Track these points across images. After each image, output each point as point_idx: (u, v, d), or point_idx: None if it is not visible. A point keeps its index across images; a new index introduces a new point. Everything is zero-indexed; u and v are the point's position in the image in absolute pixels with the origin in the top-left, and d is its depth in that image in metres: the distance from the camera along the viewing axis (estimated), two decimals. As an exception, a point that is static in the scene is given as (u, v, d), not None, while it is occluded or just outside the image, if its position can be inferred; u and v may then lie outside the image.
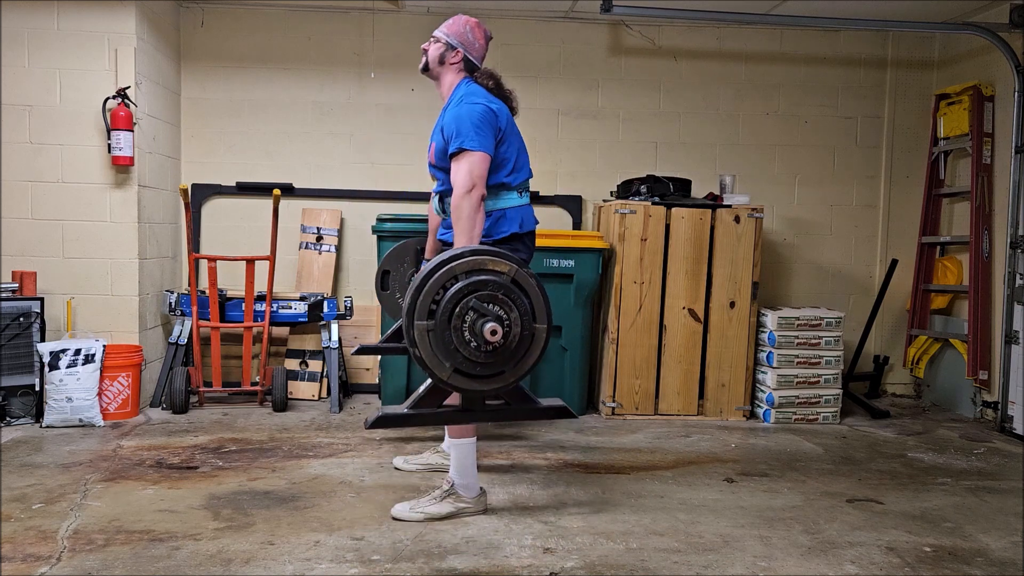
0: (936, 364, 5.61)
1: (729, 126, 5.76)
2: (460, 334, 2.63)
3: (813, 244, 5.86)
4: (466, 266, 2.67)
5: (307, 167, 5.55)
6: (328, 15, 5.49)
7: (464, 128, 3.12)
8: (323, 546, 2.88)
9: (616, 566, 2.77)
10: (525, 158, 3.37)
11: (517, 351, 2.69)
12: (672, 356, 4.95)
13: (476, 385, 2.71)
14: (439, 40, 3.38)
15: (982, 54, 5.30)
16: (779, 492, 3.62)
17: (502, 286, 2.67)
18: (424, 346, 2.65)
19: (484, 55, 3.43)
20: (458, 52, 3.35)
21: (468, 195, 3.04)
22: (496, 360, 2.68)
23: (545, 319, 2.73)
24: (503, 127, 3.23)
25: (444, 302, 2.64)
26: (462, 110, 3.18)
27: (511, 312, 2.66)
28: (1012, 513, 3.42)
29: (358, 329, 5.53)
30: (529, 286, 2.71)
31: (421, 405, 2.76)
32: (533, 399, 2.84)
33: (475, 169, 3.08)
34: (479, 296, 2.64)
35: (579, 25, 5.61)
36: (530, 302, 2.72)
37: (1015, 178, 4.90)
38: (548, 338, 2.75)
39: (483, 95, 3.26)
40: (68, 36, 4.66)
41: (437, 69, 3.40)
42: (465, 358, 2.65)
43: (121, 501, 3.28)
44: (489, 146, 3.14)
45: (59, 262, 4.72)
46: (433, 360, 2.66)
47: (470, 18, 3.41)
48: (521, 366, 2.73)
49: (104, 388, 4.52)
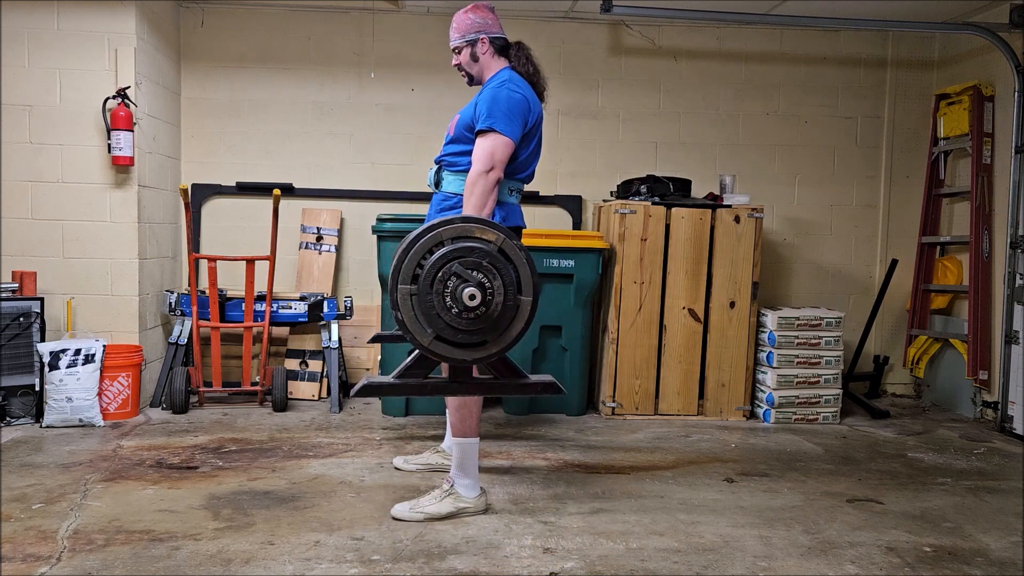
0: (936, 364, 5.61)
1: (729, 126, 5.76)
2: (442, 299, 2.60)
3: (813, 244, 5.86)
4: (453, 231, 2.64)
5: (307, 167, 5.55)
6: (328, 15, 5.49)
7: (499, 110, 3.12)
8: (323, 546, 2.88)
9: (616, 566, 2.77)
10: (533, 162, 3.37)
11: (500, 321, 2.65)
12: (672, 356, 4.95)
13: (458, 353, 2.68)
14: (459, 47, 3.38)
15: (982, 54, 5.30)
16: (779, 492, 3.62)
17: (488, 254, 2.63)
18: (407, 310, 2.63)
19: (500, 24, 3.41)
20: (483, 39, 3.35)
21: (485, 175, 3.05)
22: (478, 328, 2.64)
23: (531, 292, 2.68)
24: (530, 125, 3.23)
25: (428, 266, 2.62)
26: (502, 92, 3.17)
27: (495, 280, 2.62)
28: (1012, 513, 3.42)
29: (358, 329, 5.53)
30: (516, 257, 2.66)
31: (408, 375, 2.74)
32: (522, 373, 2.80)
33: (498, 152, 3.09)
34: (463, 262, 2.61)
35: (579, 25, 5.61)
36: (516, 273, 2.68)
37: (1015, 178, 4.90)
38: (533, 311, 2.70)
39: (527, 88, 3.26)
40: (68, 36, 4.66)
41: (477, 68, 3.39)
42: (447, 324, 2.61)
43: (121, 501, 3.28)
44: (516, 135, 3.14)
45: (59, 262, 4.72)
46: (415, 325, 2.64)
47: (464, 8, 3.41)
48: (504, 337, 2.68)
49: (104, 388, 4.52)
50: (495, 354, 2.70)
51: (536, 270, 2.73)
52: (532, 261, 2.71)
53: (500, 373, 2.79)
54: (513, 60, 3.36)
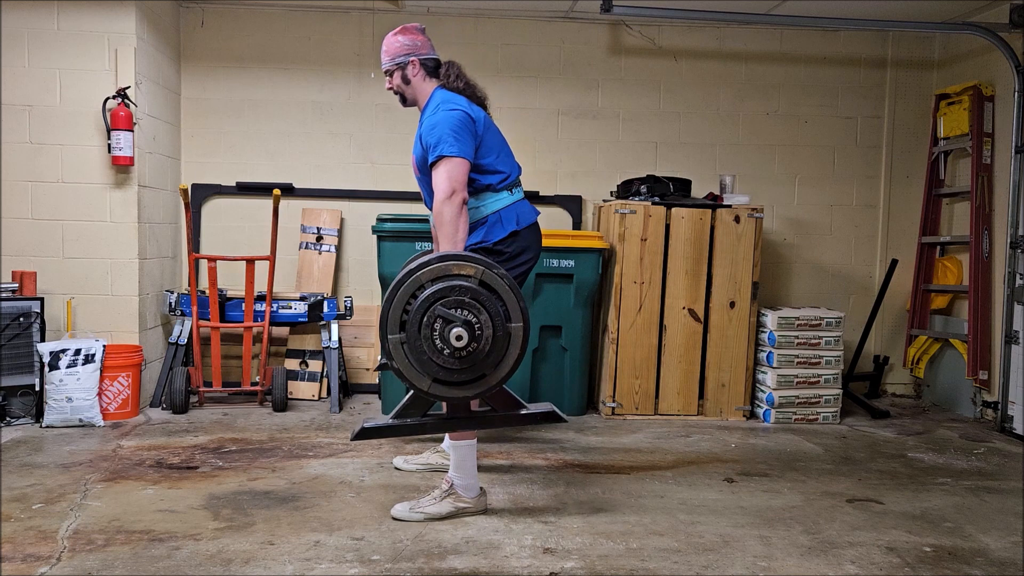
0: (936, 364, 5.61)
1: (729, 126, 5.76)
2: (431, 343, 2.58)
3: (813, 244, 5.86)
4: (431, 274, 2.63)
5: (307, 167, 5.55)
6: (328, 15, 5.49)
7: (442, 135, 3.11)
8: (323, 546, 2.88)
9: (616, 566, 2.77)
10: (508, 156, 3.36)
11: (494, 353, 2.64)
12: (672, 356, 4.95)
13: (458, 392, 2.67)
14: (390, 70, 3.39)
15: (982, 54, 5.30)
16: (779, 492, 3.62)
17: (469, 290, 2.62)
18: (400, 359, 2.62)
19: (432, 45, 3.42)
20: (413, 62, 3.36)
21: (449, 200, 3.02)
22: (473, 365, 2.63)
23: (520, 317, 2.66)
24: (480, 132, 3.22)
25: (413, 312, 2.61)
26: (438, 117, 3.18)
27: (481, 315, 2.60)
28: (1012, 513, 3.42)
29: (358, 329, 5.53)
30: (499, 286, 2.65)
31: (405, 415, 2.73)
32: (520, 403, 2.79)
33: (455, 174, 3.06)
34: (444, 303, 2.60)
35: (579, 25, 5.61)
36: (502, 302, 2.67)
37: (1015, 178, 4.90)
38: (527, 335, 2.68)
39: (460, 101, 3.26)
40: (68, 36, 4.66)
41: (410, 91, 3.40)
42: (440, 367, 2.60)
43: (121, 501, 3.28)
44: (468, 151, 3.12)
45: (59, 262, 4.72)
46: (411, 372, 2.64)
47: (394, 30, 3.41)
48: (501, 367, 2.68)
49: (104, 388, 4.52)
50: (495, 385, 2.69)
51: (522, 295, 2.71)
52: (516, 286, 2.69)
53: (499, 404, 2.76)
54: (442, 79, 3.37)
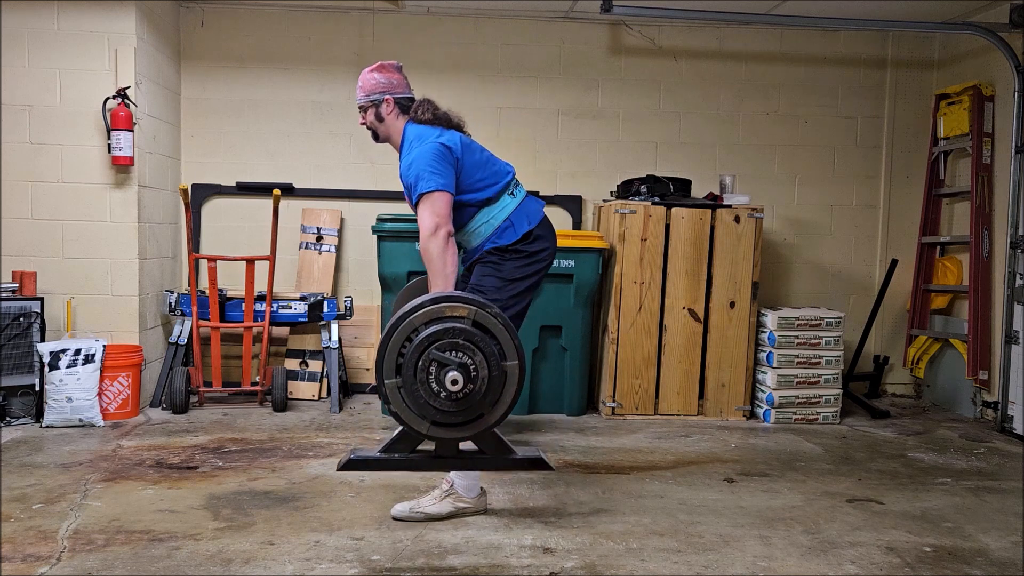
0: (936, 364, 5.61)
1: (729, 126, 5.76)
2: (428, 387, 2.60)
3: (813, 244, 5.86)
4: (424, 316, 2.65)
5: (307, 167, 5.55)
6: (328, 15, 5.49)
7: (420, 172, 3.14)
8: (323, 546, 2.88)
9: (616, 566, 2.77)
10: (494, 164, 3.38)
11: (491, 392, 2.66)
12: (672, 356, 4.95)
13: (456, 433, 2.69)
14: (365, 106, 3.40)
15: (982, 54, 5.30)
16: (779, 492, 3.61)
17: (463, 331, 2.63)
18: (397, 402, 2.64)
19: (408, 84, 3.45)
20: (387, 100, 3.37)
21: (433, 236, 3.06)
22: (470, 406, 2.65)
23: (515, 355, 2.68)
24: (459, 155, 3.24)
25: (408, 355, 2.63)
26: (413, 155, 3.20)
27: (476, 356, 2.62)
28: (1012, 513, 3.42)
29: (358, 329, 5.53)
30: (492, 325, 2.67)
31: (393, 449, 2.74)
32: (509, 448, 2.80)
33: (437, 208, 3.09)
34: (438, 346, 2.62)
35: (579, 25, 5.61)
36: (497, 341, 2.69)
37: (1015, 178, 4.90)
38: (523, 372, 2.69)
39: (431, 133, 3.27)
40: (68, 36, 4.66)
41: (383, 128, 3.41)
42: (438, 410, 2.63)
43: (121, 501, 3.28)
44: (448, 183, 3.14)
45: (59, 262, 4.72)
46: (409, 415, 2.65)
47: (371, 66, 3.44)
48: (499, 406, 2.70)
49: (104, 388, 4.52)
50: (493, 424, 2.71)
51: (516, 332, 2.72)
52: (510, 324, 2.70)
53: (487, 447, 2.78)
54: (412, 114, 3.38)
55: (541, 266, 3.38)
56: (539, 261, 3.37)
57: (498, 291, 3.31)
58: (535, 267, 3.36)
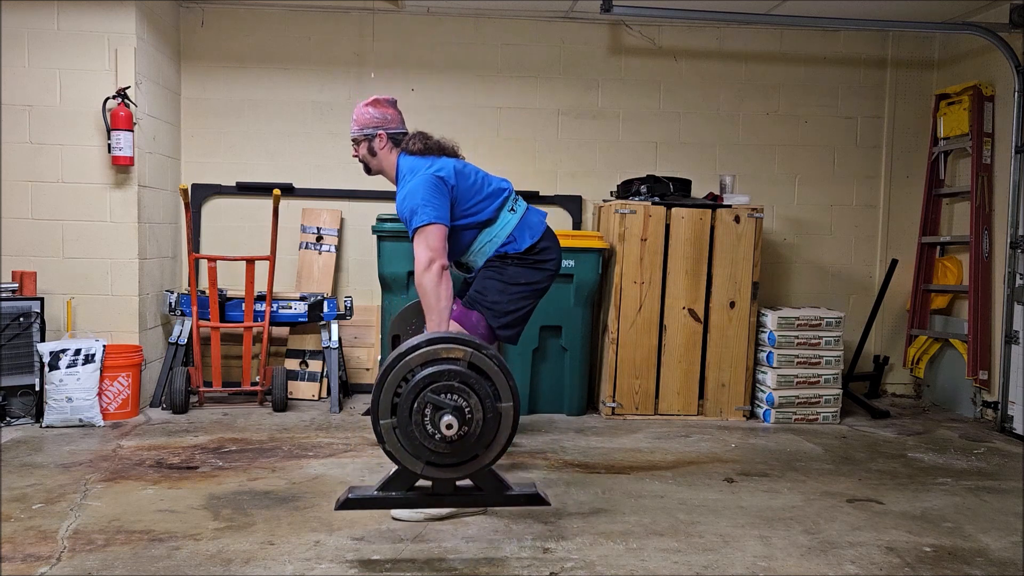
0: (936, 364, 5.61)
1: (729, 126, 5.76)
2: (423, 428, 2.62)
3: (813, 244, 5.86)
4: (421, 358, 2.66)
5: (307, 167, 5.55)
6: (328, 15, 5.49)
7: (413, 205, 3.17)
8: (323, 546, 2.88)
9: (616, 566, 2.77)
10: (490, 184, 3.40)
11: (485, 434, 2.68)
12: (672, 356, 4.95)
13: (451, 473, 2.72)
14: (358, 140, 3.44)
15: (982, 54, 5.30)
16: (779, 492, 3.61)
17: (458, 373, 2.65)
18: (392, 443, 2.66)
19: (402, 119, 3.47)
20: (380, 135, 3.40)
21: (427, 270, 3.09)
22: (465, 448, 2.67)
23: (510, 396, 2.70)
24: (452, 183, 3.27)
25: (404, 396, 2.64)
26: (407, 189, 3.24)
27: (470, 398, 2.64)
28: (1012, 513, 3.42)
29: (358, 329, 5.53)
30: (487, 367, 2.69)
31: (390, 487, 2.76)
32: (506, 484, 2.82)
33: (431, 241, 3.13)
34: (434, 388, 2.63)
35: (579, 25, 5.61)
36: (491, 383, 2.69)
37: (1015, 178, 4.90)
38: (517, 413, 2.72)
39: (422, 164, 3.30)
40: (68, 36, 4.66)
41: (374, 161, 3.45)
42: (433, 451, 2.65)
43: (121, 501, 3.28)
44: (442, 214, 3.17)
45: (59, 262, 4.72)
46: (404, 455, 2.67)
47: (366, 100, 3.46)
48: (493, 447, 2.72)
49: (104, 388, 4.52)
50: (487, 465, 2.74)
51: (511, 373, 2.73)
52: (504, 365, 2.71)
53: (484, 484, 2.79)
54: (403, 145, 3.41)
55: (546, 274, 3.41)
56: (544, 269, 3.40)
57: (499, 293, 3.33)
58: (539, 274, 3.39)
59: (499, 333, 3.39)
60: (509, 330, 3.41)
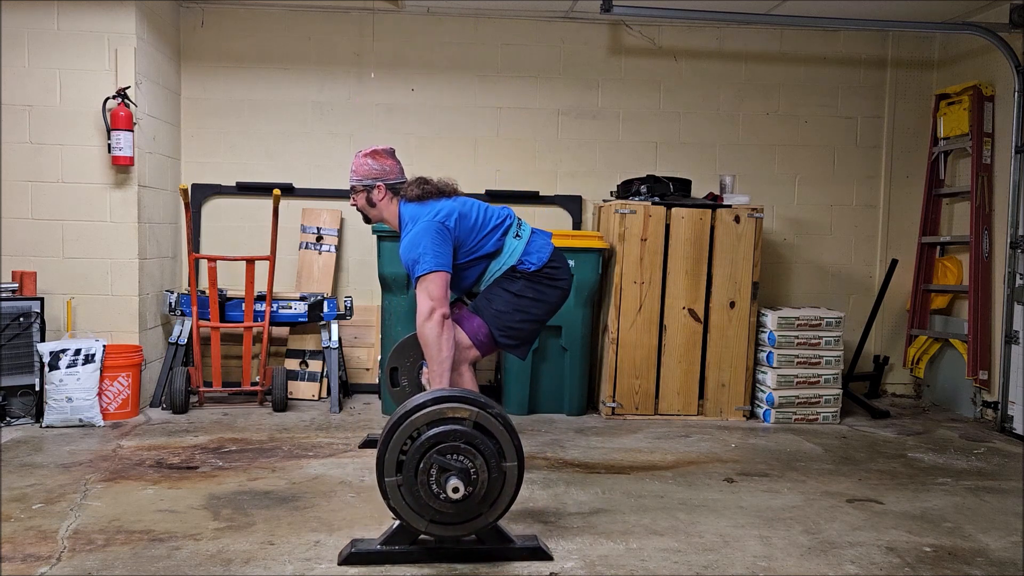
0: (936, 364, 5.61)
1: (729, 126, 5.76)
2: (428, 488, 2.64)
3: (813, 244, 5.86)
4: (426, 418, 2.67)
5: (307, 167, 5.55)
6: (328, 15, 5.49)
7: (415, 255, 3.22)
8: (323, 546, 2.88)
9: (616, 566, 2.77)
10: (492, 219, 3.42)
11: (489, 494, 2.70)
12: (672, 356, 4.95)
13: (455, 531, 2.73)
14: (357, 190, 3.47)
15: (982, 54, 5.30)
16: (779, 492, 3.61)
17: (464, 434, 2.67)
18: (397, 500, 2.67)
19: (401, 169, 3.50)
20: (379, 187, 3.44)
21: (429, 320, 3.15)
22: (470, 507, 2.69)
23: (515, 455, 2.72)
24: (452, 226, 3.29)
25: (410, 456, 2.65)
26: (409, 238, 3.29)
27: (476, 459, 2.65)
28: (1012, 513, 3.42)
29: (358, 329, 5.53)
30: (493, 426, 2.70)
31: (393, 542, 2.77)
32: (509, 538, 2.82)
33: (432, 290, 3.17)
34: (440, 449, 2.64)
35: (579, 25, 5.61)
36: (496, 441, 2.70)
37: (1015, 178, 4.90)
38: (522, 472, 2.74)
39: (423, 211, 3.32)
40: (68, 36, 4.66)
41: (373, 212, 3.49)
42: (437, 510, 2.66)
43: (121, 501, 3.28)
44: (443, 261, 3.21)
45: (59, 262, 4.72)
46: (409, 514, 2.69)
47: (364, 151, 3.49)
48: (497, 506, 2.73)
49: (104, 388, 4.52)
50: (491, 523, 2.75)
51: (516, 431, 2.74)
52: (510, 423, 2.73)
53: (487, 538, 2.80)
54: (401, 193, 3.43)
55: (557, 293, 3.46)
56: (553, 286, 3.44)
57: (506, 303, 3.36)
58: (549, 293, 3.42)
59: (501, 342, 3.42)
60: (511, 341, 3.43)
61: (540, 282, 3.41)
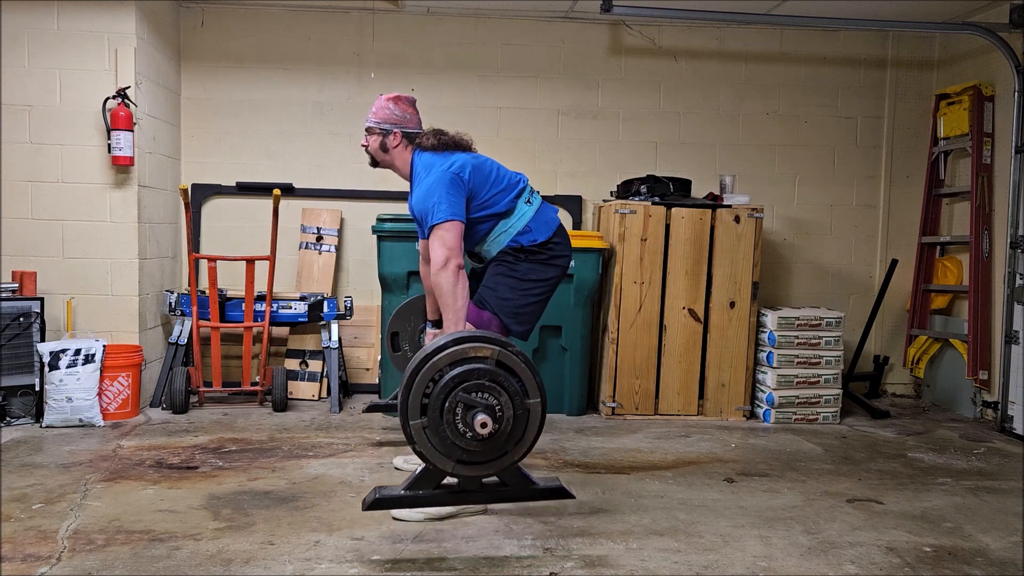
0: (936, 364, 5.61)
1: (729, 126, 5.76)
2: (454, 428, 2.65)
3: (813, 244, 5.86)
4: (449, 358, 2.68)
5: (307, 167, 5.55)
6: (328, 15, 5.49)
7: (430, 204, 3.18)
8: (323, 546, 2.88)
9: (616, 566, 2.77)
10: (505, 177, 3.40)
11: (515, 431, 2.70)
12: (672, 356, 4.95)
13: (480, 471, 2.74)
14: (373, 131, 3.43)
15: (982, 54, 5.30)
16: (779, 492, 3.62)
17: (488, 372, 2.67)
18: (423, 442, 2.68)
19: (420, 120, 3.47)
20: (396, 133, 3.40)
21: (444, 269, 3.10)
22: (496, 445, 2.69)
23: (537, 392, 2.73)
24: (467, 178, 3.27)
25: (434, 397, 2.65)
26: (423, 188, 3.25)
27: (500, 396, 2.66)
28: (1012, 513, 3.42)
29: (358, 329, 5.53)
30: (515, 364, 2.71)
31: (417, 486, 2.78)
32: (530, 479, 2.84)
33: (448, 239, 3.13)
34: (465, 387, 2.65)
35: (579, 25, 5.61)
36: (519, 380, 2.71)
37: (1015, 178, 4.90)
38: (544, 409, 2.74)
39: (438, 161, 3.30)
40: (68, 36, 4.66)
41: (384, 157, 3.45)
42: (464, 449, 2.67)
43: (121, 501, 3.28)
44: (457, 211, 3.18)
45: (59, 262, 4.72)
46: (435, 455, 2.69)
47: (388, 95, 3.45)
48: (522, 443, 2.74)
49: (104, 388, 4.52)
50: (516, 461, 2.76)
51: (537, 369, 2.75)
52: (531, 361, 2.74)
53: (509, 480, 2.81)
54: (417, 142, 3.41)
55: (557, 272, 3.44)
56: (555, 266, 3.42)
57: (511, 290, 3.35)
58: (551, 272, 3.41)
59: (512, 329, 3.41)
60: (521, 326, 3.43)
61: (543, 262, 3.38)
